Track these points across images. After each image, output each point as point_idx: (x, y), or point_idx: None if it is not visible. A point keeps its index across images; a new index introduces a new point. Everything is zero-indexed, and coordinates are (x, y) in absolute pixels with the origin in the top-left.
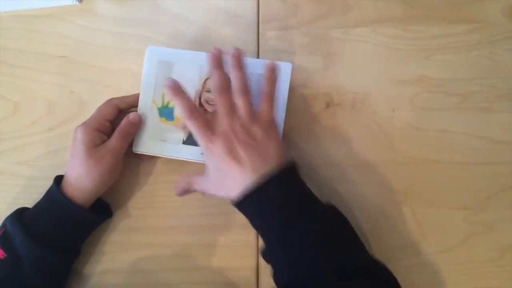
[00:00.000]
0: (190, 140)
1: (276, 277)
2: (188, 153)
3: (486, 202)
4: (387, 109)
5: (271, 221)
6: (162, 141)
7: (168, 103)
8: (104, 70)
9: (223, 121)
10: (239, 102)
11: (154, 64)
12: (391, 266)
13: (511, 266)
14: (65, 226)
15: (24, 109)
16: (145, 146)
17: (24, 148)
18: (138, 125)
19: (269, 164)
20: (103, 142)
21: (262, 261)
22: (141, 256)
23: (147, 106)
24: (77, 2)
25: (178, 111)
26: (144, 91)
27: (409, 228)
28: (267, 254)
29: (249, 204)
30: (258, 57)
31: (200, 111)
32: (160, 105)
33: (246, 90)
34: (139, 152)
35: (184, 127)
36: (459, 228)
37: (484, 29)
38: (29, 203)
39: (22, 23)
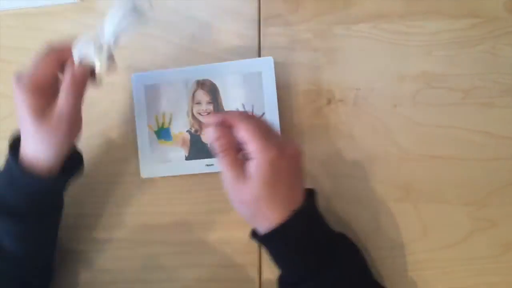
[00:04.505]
0: (192, 155)
1: None
2: (193, 168)
3: (489, 198)
4: (389, 104)
5: (293, 264)
6: (167, 162)
7: (162, 124)
8: None
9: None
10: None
11: (141, 90)
12: (393, 263)
13: None
14: (24, 192)
15: None
16: (152, 170)
17: None
18: (85, 76)
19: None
20: (50, 104)
21: (264, 258)
22: (142, 253)
23: (144, 133)
24: (78, 0)
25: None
26: (139, 119)
27: (411, 224)
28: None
29: (273, 241)
30: (259, 53)
31: None
32: (156, 128)
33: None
34: (147, 177)
35: (183, 144)
36: (462, 224)
37: (487, 24)
38: None
39: (22, 21)
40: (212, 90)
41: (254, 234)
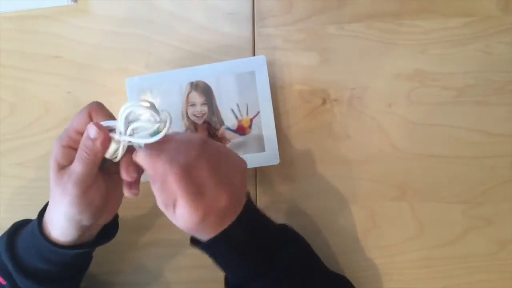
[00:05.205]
0: None
1: None
2: None
3: (484, 196)
4: (383, 104)
5: (239, 266)
6: None
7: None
8: (99, 70)
9: None
10: None
11: (135, 93)
12: (389, 261)
13: (510, 260)
14: (54, 263)
15: (20, 111)
16: None
17: (21, 149)
18: (99, 142)
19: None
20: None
21: None
22: (133, 256)
23: None
24: (72, 2)
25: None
26: None
27: (407, 223)
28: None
29: (217, 247)
30: (254, 54)
31: None
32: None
33: None
34: (143, 181)
35: None
36: (458, 222)
37: (479, 22)
38: (26, 205)
39: (17, 24)
40: (206, 91)
41: (194, 241)
